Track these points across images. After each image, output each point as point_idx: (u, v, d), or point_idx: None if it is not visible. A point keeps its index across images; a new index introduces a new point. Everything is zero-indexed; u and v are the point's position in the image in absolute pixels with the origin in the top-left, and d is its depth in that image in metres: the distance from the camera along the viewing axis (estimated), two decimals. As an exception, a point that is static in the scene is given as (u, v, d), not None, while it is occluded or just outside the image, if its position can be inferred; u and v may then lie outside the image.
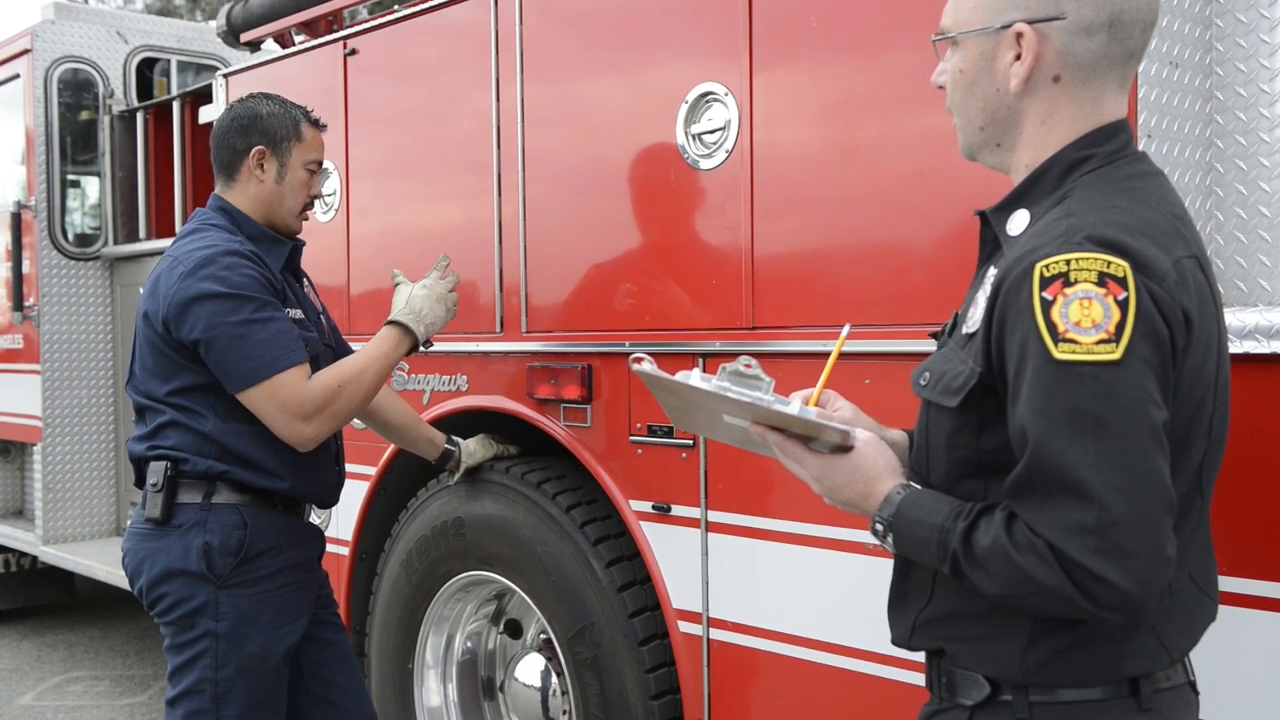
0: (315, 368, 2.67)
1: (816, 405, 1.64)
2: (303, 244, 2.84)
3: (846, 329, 1.67)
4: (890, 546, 1.51)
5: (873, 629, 2.42)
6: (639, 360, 1.62)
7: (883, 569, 1.66)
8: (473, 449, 3.26)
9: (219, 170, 2.75)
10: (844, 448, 1.54)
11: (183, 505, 2.56)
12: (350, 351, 2.87)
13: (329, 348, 2.87)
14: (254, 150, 2.70)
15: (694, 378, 1.57)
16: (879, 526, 1.51)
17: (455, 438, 3.26)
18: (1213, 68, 2.37)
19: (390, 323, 2.80)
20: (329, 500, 2.84)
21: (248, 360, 2.48)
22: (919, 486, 1.52)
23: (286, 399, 2.50)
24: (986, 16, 1.50)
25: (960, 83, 1.55)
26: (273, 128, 2.71)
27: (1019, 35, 1.47)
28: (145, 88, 6.07)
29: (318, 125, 2.81)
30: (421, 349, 2.85)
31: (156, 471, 2.56)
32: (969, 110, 1.55)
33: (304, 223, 2.81)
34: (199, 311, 2.48)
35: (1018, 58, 1.48)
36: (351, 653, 2.92)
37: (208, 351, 2.50)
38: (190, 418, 2.57)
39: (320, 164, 2.80)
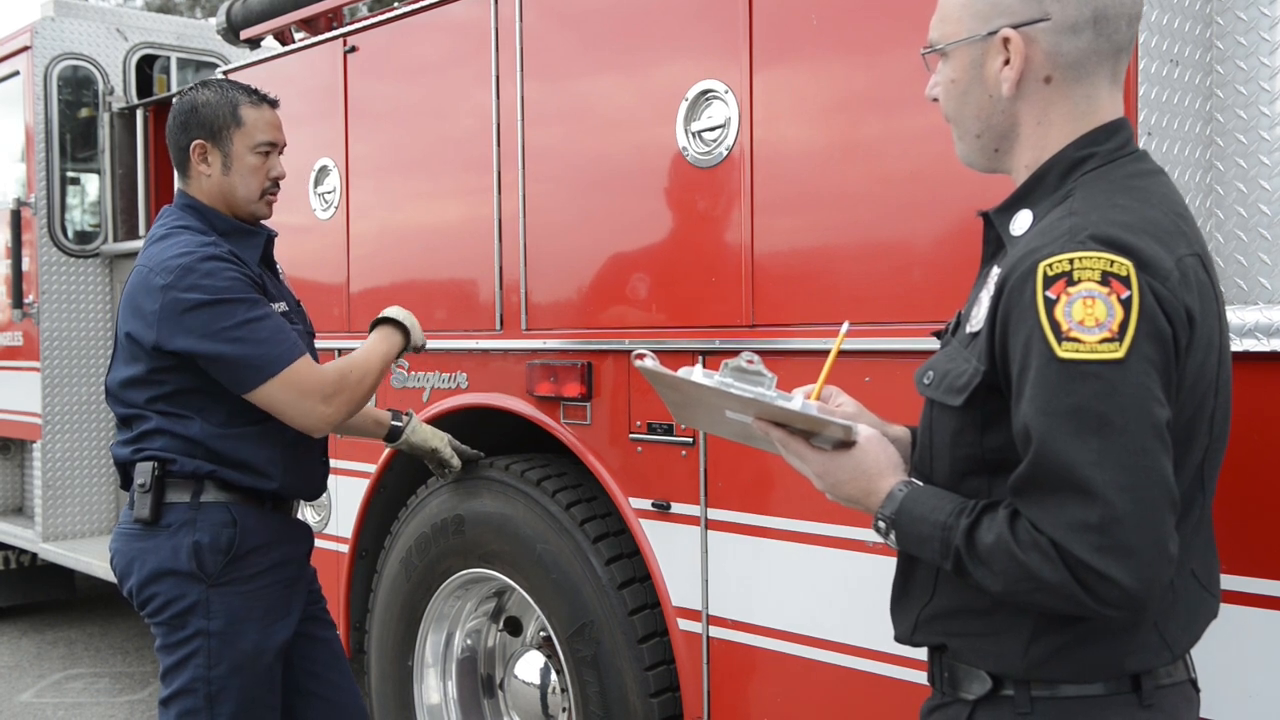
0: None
1: (818, 399, 1.64)
2: (274, 234, 2.78)
3: (845, 326, 1.68)
4: (893, 543, 1.52)
5: (872, 626, 2.43)
6: (641, 357, 1.62)
7: (882, 567, 1.66)
8: (419, 426, 3.19)
9: (175, 166, 2.70)
10: (846, 443, 1.54)
11: (171, 505, 2.55)
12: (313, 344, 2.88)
13: (309, 334, 2.86)
14: (194, 145, 2.63)
15: (696, 374, 1.57)
16: (881, 524, 1.51)
17: (407, 413, 3.22)
18: (1213, 65, 2.37)
19: (383, 320, 2.81)
20: (316, 494, 2.84)
21: (256, 359, 2.46)
22: (921, 483, 1.52)
23: (305, 385, 2.50)
24: (972, 25, 1.51)
25: (953, 92, 1.56)
26: (208, 118, 2.63)
27: (1006, 40, 1.48)
28: (145, 85, 6.06)
29: (264, 103, 2.69)
30: (412, 350, 2.84)
31: (144, 472, 2.54)
32: (964, 119, 1.56)
33: (270, 206, 2.71)
34: (190, 323, 2.44)
35: (1006, 63, 1.49)
36: (342, 649, 2.92)
37: (209, 361, 2.47)
38: (175, 423, 2.55)
39: (273, 144, 2.68)
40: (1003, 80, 1.50)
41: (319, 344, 2.97)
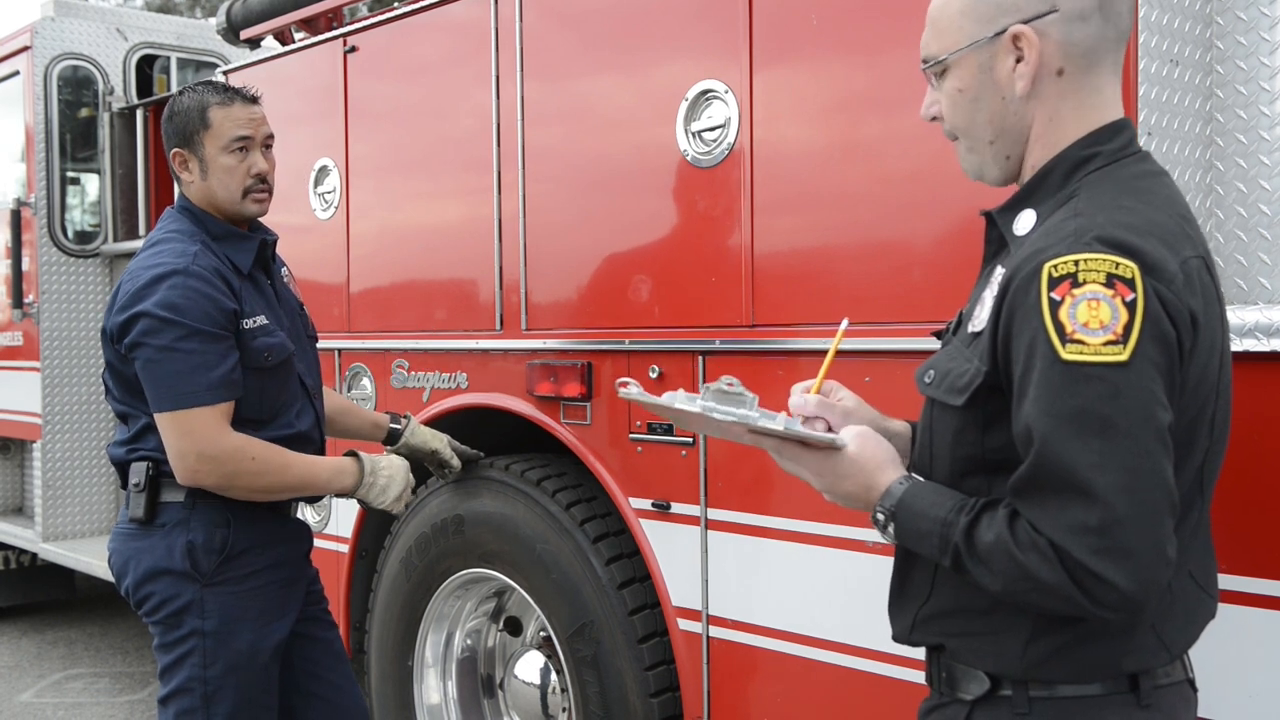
0: (290, 364, 2.65)
1: (818, 394, 1.65)
2: (274, 237, 2.74)
3: (845, 323, 1.68)
4: (891, 536, 1.51)
5: (872, 626, 2.43)
6: (624, 384, 1.63)
7: (882, 566, 1.66)
8: (418, 429, 3.15)
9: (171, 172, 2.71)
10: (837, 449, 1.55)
11: (166, 504, 2.55)
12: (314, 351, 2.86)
13: (310, 338, 2.86)
14: (173, 154, 2.63)
15: (679, 399, 1.59)
16: (880, 516, 1.51)
17: (405, 415, 3.19)
18: (1213, 65, 2.37)
19: (355, 456, 2.74)
20: (315, 498, 2.83)
21: (157, 385, 2.45)
22: (921, 479, 1.52)
23: (193, 434, 2.44)
24: (975, 29, 1.49)
25: (961, 102, 1.53)
26: (180, 126, 2.61)
27: (1015, 38, 1.47)
28: (145, 85, 6.07)
29: (235, 99, 2.61)
30: (355, 500, 2.77)
31: (138, 472, 2.55)
32: (976, 127, 1.54)
33: (259, 204, 2.64)
34: (131, 328, 2.46)
35: (1019, 60, 1.48)
36: (343, 649, 2.92)
37: (134, 367, 2.49)
38: None
39: (247, 138, 2.60)
40: (1017, 79, 1.48)
41: (319, 345, 2.97)
